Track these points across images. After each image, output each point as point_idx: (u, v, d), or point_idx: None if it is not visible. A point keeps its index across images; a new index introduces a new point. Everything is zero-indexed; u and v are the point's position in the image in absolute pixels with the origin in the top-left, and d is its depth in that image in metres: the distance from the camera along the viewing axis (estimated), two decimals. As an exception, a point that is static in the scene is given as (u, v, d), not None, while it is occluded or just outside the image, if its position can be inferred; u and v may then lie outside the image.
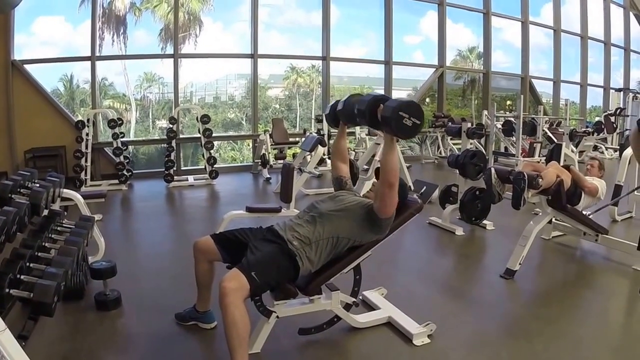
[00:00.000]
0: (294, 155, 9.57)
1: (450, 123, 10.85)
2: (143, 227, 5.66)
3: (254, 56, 9.57)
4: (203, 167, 8.22)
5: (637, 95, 13.46)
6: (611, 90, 15.83)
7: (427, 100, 13.85)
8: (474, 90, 15.02)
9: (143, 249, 4.86)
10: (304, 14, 13.14)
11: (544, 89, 14.72)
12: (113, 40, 10.24)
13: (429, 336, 2.94)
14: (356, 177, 6.69)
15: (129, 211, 6.56)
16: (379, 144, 6.89)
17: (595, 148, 12.03)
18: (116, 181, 7.49)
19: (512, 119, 9.51)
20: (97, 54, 8.65)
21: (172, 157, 7.99)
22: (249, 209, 4.70)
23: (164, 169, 7.92)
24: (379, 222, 2.65)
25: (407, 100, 2.45)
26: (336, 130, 3.20)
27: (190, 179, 8.10)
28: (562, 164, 5.51)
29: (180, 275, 3.82)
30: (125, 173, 7.50)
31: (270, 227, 2.77)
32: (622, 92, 14.31)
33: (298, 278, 2.58)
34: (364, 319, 3.05)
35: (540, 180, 3.90)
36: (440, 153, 11.51)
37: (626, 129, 12.60)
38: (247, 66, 10.10)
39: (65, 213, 4.24)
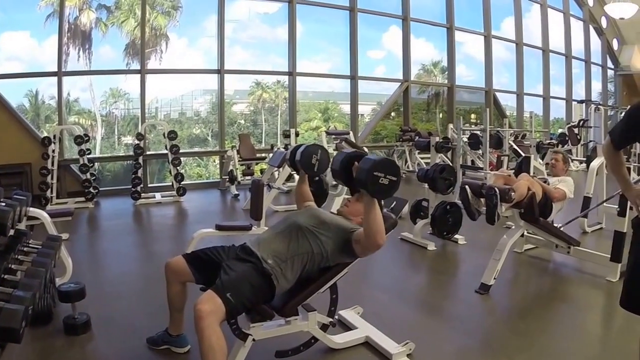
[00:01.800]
0: (261, 171, 9.47)
1: (417, 137, 11.01)
2: (111, 246, 5.47)
3: (220, 71, 9.48)
4: (170, 184, 8.06)
5: (599, 106, 13.83)
6: (573, 102, 16.22)
7: (393, 114, 13.95)
8: (438, 103, 15.18)
9: (112, 269, 4.70)
10: (268, 29, 13.13)
11: (506, 101, 15.00)
12: (79, 56, 10.04)
13: (408, 355, 2.88)
14: (326, 193, 6.64)
15: (96, 230, 6.36)
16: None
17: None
18: (82, 199, 7.28)
19: (478, 132, 9.62)
20: (64, 69, 8.44)
21: (139, 174, 7.81)
22: (219, 227, 4.57)
23: (130, 186, 7.74)
24: (354, 254, 2.61)
25: (380, 159, 2.34)
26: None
27: (158, 196, 7.93)
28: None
29: (151, 296, 3.71)
30: (92, 190, 7.30)
31: (244, 244, 2.69)
32: (584, 104, 14.68)
33: (274, 298, 2.50)
34: (341, 339, 2.97)
35: (513, 193, 3.89)
36: (407, 167, 11.53)
37: (590, 141, 12.91)
38: (213, 82, 10.05)
39: (31, 232, 4.08)
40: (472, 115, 14.94)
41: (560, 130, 14.68)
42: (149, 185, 8.86)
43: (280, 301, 2.55)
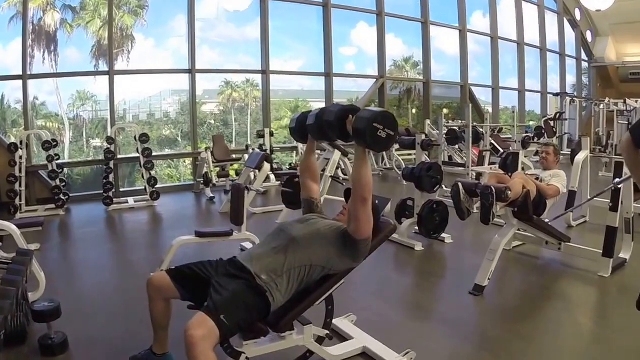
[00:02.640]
0: (237, 173, 9.22)
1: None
2: (85, 256, 5.15)
3: (192, 71, 9.20)
4: (142, 187, 7.76)
5: (574, 99, 13.92)
6: (549, 95, 16.32)
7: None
8: (410, 99, 15.12)
9: (87, 282, 4.39)
10: (235, 28, 12.89)
11: (480, 96, 14.97)
12: (44, 58, 9.67)
13: None
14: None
15: (68, 239, 6.03)
16: (328, 159, 6.70)
17: (537, 153, 12.29)
18: (53, 206, 6.95)
19: (456, 128, 9.55)
20: (29, 72, 8.08)
21: (111, 179, 7.50)
22: (199, 234, 4.37)
23: (102, 191, 7.42)
24: (356, 245, 2.42)
25: (381, 111, 2.28)
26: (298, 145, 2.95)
27: (131, 201, 7.63)
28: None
29: (131, 311, 3.49)
30: (62, 197, 6.97)
31: (233, 258, 2.49)
32: (559, 97, 14.77)
33: (270, 315, 2.30)
34: (337, 351, 2.80)
35: (509, 192, 3.78)
36: (385, 165, 11.41)
37: (565, 133, 12.98)
38: (182, 82, 9.82)
39: (1, 243, 3.87)
40: (445, 110, 14.86)
41: (531, 123, 14.78)
42: (121, 190, 8.52)
43: (275, 316, 2.35)
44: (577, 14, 17.42)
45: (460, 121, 11.05)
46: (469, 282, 4.03)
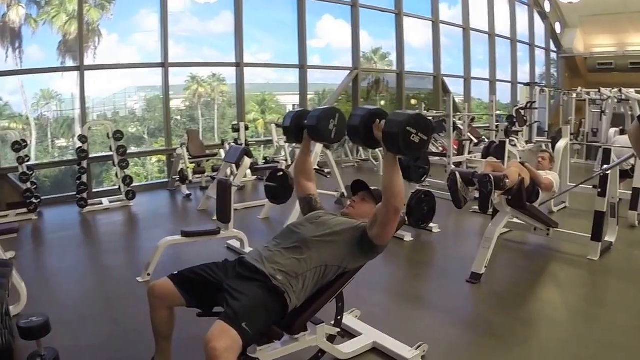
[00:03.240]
0: (213, 168, 9.00)
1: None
2: (64, 263, 4.83)
3: (165, 65, 8.93)
4: (117, 187, 7.49)
5: (543, 89, 14.14)
6: (519, 85, 16.54)
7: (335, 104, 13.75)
8: (379, 91, 15.10)
9: (69, 290, 4.10)
10: (199, 22, 12.65)
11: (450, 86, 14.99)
12: (7, 55, 9.22)
13: (422, 357, 2.71)
14: (291, 188, 6.33)
15: (44, 245, 5.70)
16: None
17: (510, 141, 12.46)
18: (24, 210, 6.62)
19: (431, 117, 9.56)
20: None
21: (84, 180, 7.21)
22: (185, 234, 4.22)
23: (74, 193, 7.11)
24: (374, 248, 2.34)
25: (414, 113, 2.11)
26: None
27: (105, 201, 7.34)
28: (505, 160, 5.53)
29: (122, 319, 3.32)
30: (34, 200, 6.66)
31: (241, 259, 2.36)
32: (529, 86, 14.97)
33: (286, 317, 2.20)
34: (348, 348, 2.72)
35: (507, 181, 3.78)
36: (360, 156, 11.38)
37: (535, 121, 13.16)
38: (148, 78, 9.48)
39: None
40: (413, 101, 14.87)
41: (497, 112, 14.91)
42: (94, 190, 8.21)
43: (288, 318, 2.25)
44: (547, 6, 17.65)
45: (434, 111, 11.10)
46: (464, 270, 4.05)
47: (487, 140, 10.67)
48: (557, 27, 18.37)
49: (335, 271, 2.32)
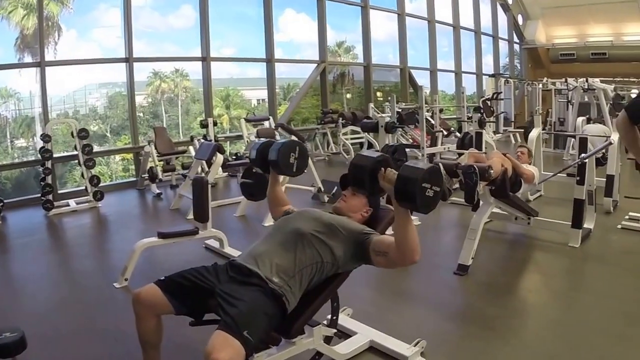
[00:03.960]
0: (183, 166, 8.77)
1: (341, 118, 10.86)
2: (33, 270, 4.52)
3: (129, 60, 8.63)
4: (84, 188, 7.20)
5: (508, 79, 14.33)
6: (484, 77, 16.75)
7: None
8: (344, 84, 15.06)
9: (44, 301, 3.79)
10: (159, 17, 12.37)
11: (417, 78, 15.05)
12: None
13: (421, 354, 2.64)
14: (267, 186, 6.21)
15: (10, 251, 5.35)
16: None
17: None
18: (-13, 215, 6.31)
19: (399, 110, 9.55)
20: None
21: (49, 181, 6.91)
22: (162, 235, 4.04)
23: (39, 195, 6.79)
24: (368, 261, 2.24)
25: (428, 168, 1.93)
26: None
27: (72, 203, 7.04)
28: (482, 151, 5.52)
29: (101, 329, 3.13)
30: (-2, 205, 6.35)
31: (232, 262, 2.23)
32: (494, 78, 15.17)
33: (285, 320, 2.09)
34: (345, 349, 2.63)
35: (492, 171, 3.76)
36: (330, 150, 11.32)
37: (501, 112, 13.32)
38: (109, 74, 9.24)
39: None
40: (378, 93, 14.89)
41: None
42: (59, 192, 7.88)
43: (286, 321, 2.14)
44: (509, -1, 18.03)
45: (402, 103, 11.10)
46: (449, 261, 4.05)
47: (456, 131, 10.76)
48: (520, 19, 18.72)
49: (330, 268, 2.22)
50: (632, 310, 3.26)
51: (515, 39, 19.00)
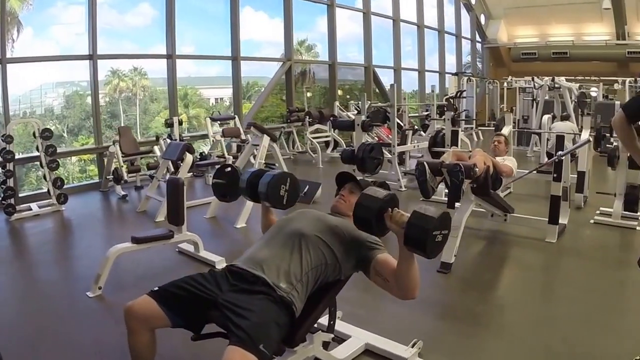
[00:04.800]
0: (148, 166, 8.53)
1: (307, 117, 10.81)
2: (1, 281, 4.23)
3: (92, 57, 8.32)
4: (46, 190, 6.88)
5: (470, 78, 14.55)
6: (447, 75, 16.97)
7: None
8: (305, 82, 15.02)
9: (13, 314, 3.50)
10: (117, 14, 12.05)
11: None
12: None
13: (419, 355, 2.63)
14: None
15: None
16: (256, 145, 6.36)
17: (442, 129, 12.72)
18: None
19: (383, 108, 9.55)
20: None
21: (11, 184, 6.57)
22: (136, 240, 3.87)
23: (1, 199, 6.45)
24: (366, 275, 2.20)
25: (440, 215, 1.86)
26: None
27: (35, 207, 6.72)
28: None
29: (83, 343, 2.91)
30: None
31: (231, 268, 2.11)
32: (457, 76, 15.38)
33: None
34: (342, 353, 2.57)
35: (477, 170, 3.76)
36: (297, 148, 11.25)
37: (464, 110, 13.53)
38: (66, 73, 9.08)
39: None
40: (339, 92, 14.92)
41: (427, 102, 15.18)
42: (20, 195, 7.53)
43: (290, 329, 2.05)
44: (472, -1, 18.38)
45: (368, 102, 11.11)
46: (432, 260, 3.98)
47: (420, 130, 10.81)
48: (482, 19, 19.10)
49: (332, 271, 2.16)
50: (615, 302, 3.38)
51: (478, 38, 19.39)
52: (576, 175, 5.70)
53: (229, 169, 5.56)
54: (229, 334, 1.80)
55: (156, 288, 2.07)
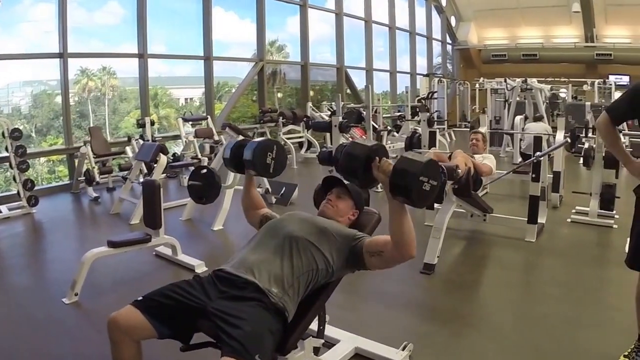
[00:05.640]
0: (120, 167, 8.34)
1: (281, 118, 10.74)
2: None
3: (63, 55, 8.09)
4: (16, 192, 6.65)
5: (441, 79, 14.69)
6: (418, 76, 17.11)
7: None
8: (275, 83, 14.96)
9: None
10: (85, 13, 11.80)
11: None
12: None
13: (410, 357, 2.61)
14: (218, 186, 5.97)
15: None
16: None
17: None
18: None
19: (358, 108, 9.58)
20: None
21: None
22: (113, 244, 3.73)
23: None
24: (362, 266, 2.14)
25: (427, 162, 1.85)
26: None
27: (4, 209, 6.48)
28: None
29: (61, 354, 2.79)
30: None
31: (218, 273, 2.02)
32: (428, 77, 15.53)
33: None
34: (332, 358, 2.53)
35: (460, 171, 3.76)
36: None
37: (435, 111, 13.65)
38: (34, 72, 8.92)
39: None
40: (311, 92, 14.88)
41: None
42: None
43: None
44: (443, 1, 18.60)
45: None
46: (413, 260, 3.93)
47: (393, 130, 10.85)
48: (453, 21, 19.34)
49: (324, 275, 2.09)
50: (598, 299, 3.44)
51: (448, 39, 19.63)
52: (552, 175, 5.78)
53: (205, 170, 5.52)
54: (222, 345, 1.73)
55: (140, 297, 1.96)
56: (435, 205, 5.10)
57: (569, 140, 5.20)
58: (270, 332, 1.81)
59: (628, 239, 2.57)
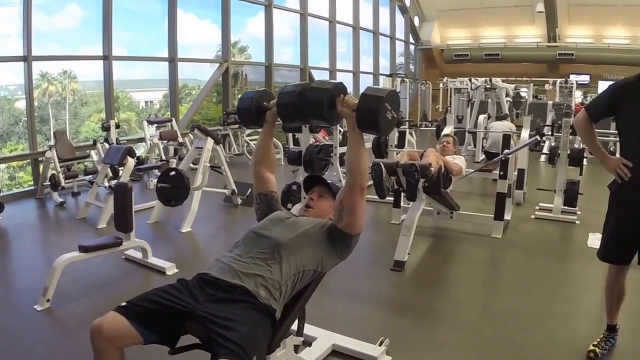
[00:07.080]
0: (87, 172, 8.18)
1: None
2: None
3: (27, 59, 7.88)
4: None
5: (404, 79, 14.88)
6: (381, 77, 17.25)
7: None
8: (237, 84, 14.91)
9: None
10: (44, 17, 11.54)
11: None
12: None
13: (387, 353, 2.66)
14: (186, 188, 5.93)
15: None
16: (199, 148, 6.22)
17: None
18: None
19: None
20: None
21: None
22: (84, 249, 3.66)
23: None
24: (348, 241, 2.13)
25: (391, 90, 1.99)
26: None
27: (-31, 217, 6.29)
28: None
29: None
30: None
31: (204, 277, 1.99)
32: (391, 77, 15.67)
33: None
34: (311, 356, 2.57)
35: (433, 169, 3.85)
36: (233, 151, 11.15)
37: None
38: None
39: None
40: (272, 93, 14.88)
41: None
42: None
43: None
44: (407, 1, 18.78)
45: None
46: (382, 258, 4.16)
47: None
48: (416, 21, 19.57)
49: (311, 276, 2.12)
50: (565, 292, 3.56)
51: (411, 39, 19.87)
52: (516, 173, 5.95)
53: (174, 172, 5.48)
54: (217, 348, 1.71)
55: (124, 303, 1.92)
56: (402, 204, 5.22)
57: (538, 137, 5.37)
58: (263, 333, 1.83)
59: (589, 234, 2.67)
